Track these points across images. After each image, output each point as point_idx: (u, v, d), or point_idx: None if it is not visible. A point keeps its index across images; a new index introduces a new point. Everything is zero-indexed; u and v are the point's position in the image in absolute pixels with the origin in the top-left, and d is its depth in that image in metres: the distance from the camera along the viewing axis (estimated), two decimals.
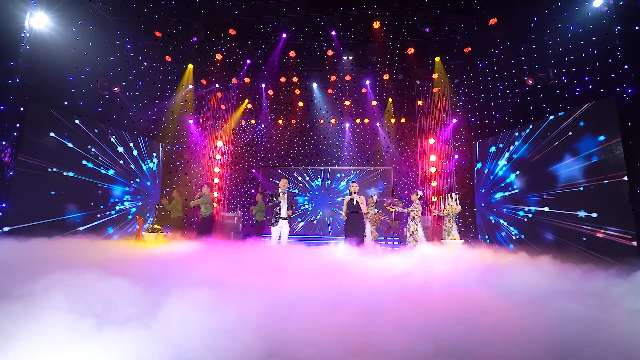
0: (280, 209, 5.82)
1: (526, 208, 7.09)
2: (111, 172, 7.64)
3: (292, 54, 9.06)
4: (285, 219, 5.80)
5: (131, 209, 8.19)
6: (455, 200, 6.73)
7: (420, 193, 6.71)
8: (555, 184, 6.43)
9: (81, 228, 6.74)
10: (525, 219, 7.09)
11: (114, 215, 7.64)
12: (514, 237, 7.38)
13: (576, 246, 5.81)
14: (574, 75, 6.29)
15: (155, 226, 5.99)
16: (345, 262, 4.06)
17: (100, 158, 7.40)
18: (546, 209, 6.57)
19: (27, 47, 5.87)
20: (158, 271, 3.16)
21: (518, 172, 7.38)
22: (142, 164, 8.70)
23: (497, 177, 8.01)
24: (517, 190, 7.40)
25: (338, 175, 12.98)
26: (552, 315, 2.12)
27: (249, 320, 1.83)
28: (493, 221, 8.09)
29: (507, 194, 7.67)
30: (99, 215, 7.25)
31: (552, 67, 6.78)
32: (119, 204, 7.83)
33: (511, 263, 4.18)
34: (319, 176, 13.09)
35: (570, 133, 6.17)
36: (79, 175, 6.88)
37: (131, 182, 8.24)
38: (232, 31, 8.16)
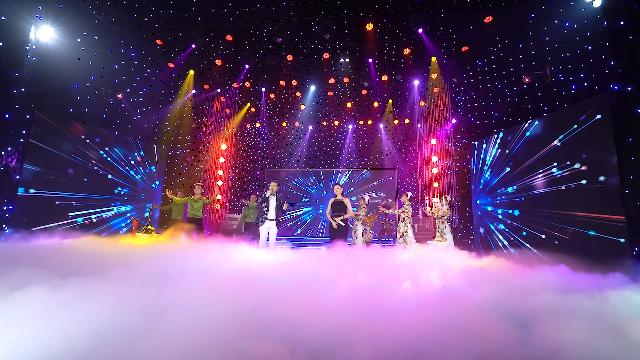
0: (267, 210, 5.92)
1: (520, 211, 6.92)
2: (113, 176, 7.98)
3: (289, 57, 9.19)
4: (272, 220, 5.90)
5: (135, 212, 8.54)
6: (446, 201, 6.63)
7: (410, 194, 6.67)
8: (550, 184, 6.26)
9: (82, 229, 7.09)
10: (519, 222, 6.92)
11: (114, 217, 7.97)
12: (512, 240, 7.20)
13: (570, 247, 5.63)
14: (570, 72, 6.12)
15: (149, 227, 6.24)
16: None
17: (103, 162, 7.76)
18: (540, 209, 6.40)
19: (33, 58, 6.25)
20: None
21: (513, 173, 7.21)
22: (144, 168, 9.02)
23: (493, 177, 7.84)
24: (510, 191, 7.22)
25: (333, 180, 13.02)
26: None
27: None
28: (488, 222, 7.92)
29: (503, 196, 7.51)
30: (100, 217, 7.59)
31: (549, 64, 6.61)
32: (119, 206, 8.17)
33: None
34: (321, 177, 13.15)
35: (563, 133, 6.00)
36: (82, 178, 7.24)
37: (131, 185, 8.57)
38: (228, 37, 8.38)
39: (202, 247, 5.37)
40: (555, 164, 6.21)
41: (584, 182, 5.53)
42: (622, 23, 4.31)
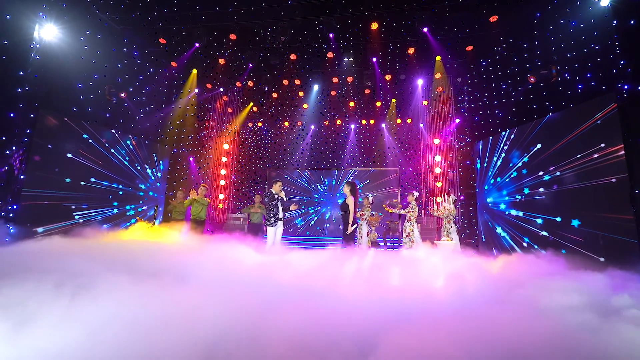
0: (278, 210, 5.92)
1: (523, 213, 6.90)
2: (116, 175, 7.94)
3: (292, 57, 9.16)
4: (282, 219, 5.91)
5: (133, 210, 8.51)
6: (453, 201, 6.62)
7: (416, 194, 6.66)
8: (553, 185, 6.25)
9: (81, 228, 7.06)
10: (527, 224, 6.90)
11: (116, 217, 7.94)
12: (520, 241, 7.18)
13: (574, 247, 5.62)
14: (577, 71, 6.10)
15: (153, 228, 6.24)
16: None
17: (105, 162, 7.71)
18: (545, 214, 6.38)
19: (37, 57, 6.20)
20: None
21: (515, 173, 7.20)
22: (147, 168, 8.98)
23: (496, 177, 7.83)
24: (515, 192, 7.21)
25: (331, 179, 12.99)
26: None
27: None
28: (491, 223, 7.91)
29: (507, 197, 7.49)
30: (101, 217, 7.55)
31: (555, 63, 6.59)
32: (121, 206, 8.13)
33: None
34: (322, 177, 13.13)
35: (568, 133, 5.98)
36: (84, 177, 7.19)
37: (134, 184, 8.53)
38: (232, 36, 8.35)
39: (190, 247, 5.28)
40: (555, 164, 6.20)
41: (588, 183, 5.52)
42: (632, 22, 4.29)
